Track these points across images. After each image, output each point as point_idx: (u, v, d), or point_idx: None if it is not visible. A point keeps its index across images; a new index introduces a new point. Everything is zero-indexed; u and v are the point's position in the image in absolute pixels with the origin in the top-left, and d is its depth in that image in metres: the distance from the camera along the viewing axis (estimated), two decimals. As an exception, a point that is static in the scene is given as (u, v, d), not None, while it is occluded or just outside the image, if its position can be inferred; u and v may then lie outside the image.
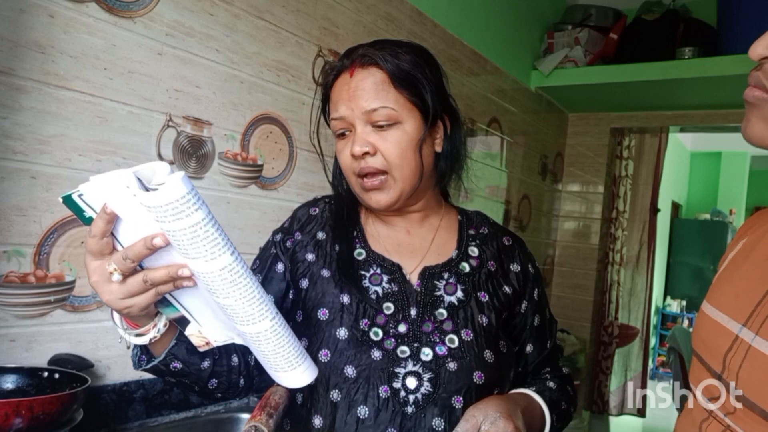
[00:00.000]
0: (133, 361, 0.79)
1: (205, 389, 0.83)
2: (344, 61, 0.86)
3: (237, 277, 0.58)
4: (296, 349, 0.67)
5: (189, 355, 0.77)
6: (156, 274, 0.60)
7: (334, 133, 0.88)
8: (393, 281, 0.85)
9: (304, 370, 0.68)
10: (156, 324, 0.70)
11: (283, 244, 0.91)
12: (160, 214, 0.53)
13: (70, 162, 1.12)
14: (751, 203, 7.69)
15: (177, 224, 0.54)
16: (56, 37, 1.09)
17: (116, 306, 0.63)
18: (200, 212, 0.54)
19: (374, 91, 0.82)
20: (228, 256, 0.57)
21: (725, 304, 0.63)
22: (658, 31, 2.83)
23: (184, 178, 0.53)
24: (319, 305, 0.84)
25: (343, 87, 0.84)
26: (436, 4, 2.16)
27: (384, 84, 0.82)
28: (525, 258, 0.95)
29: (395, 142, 0.82)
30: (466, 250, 0.91)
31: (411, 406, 0.78)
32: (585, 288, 3.44)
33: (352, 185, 0.87)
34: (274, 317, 0.63)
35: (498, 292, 0.89)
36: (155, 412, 1.27)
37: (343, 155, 0.85)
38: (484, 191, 2.60)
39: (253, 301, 0.61)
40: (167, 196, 0.52)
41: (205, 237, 0.55)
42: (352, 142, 0.83)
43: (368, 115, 0.82)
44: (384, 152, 0.82)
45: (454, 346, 0.81)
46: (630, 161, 3.56)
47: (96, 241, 0.59)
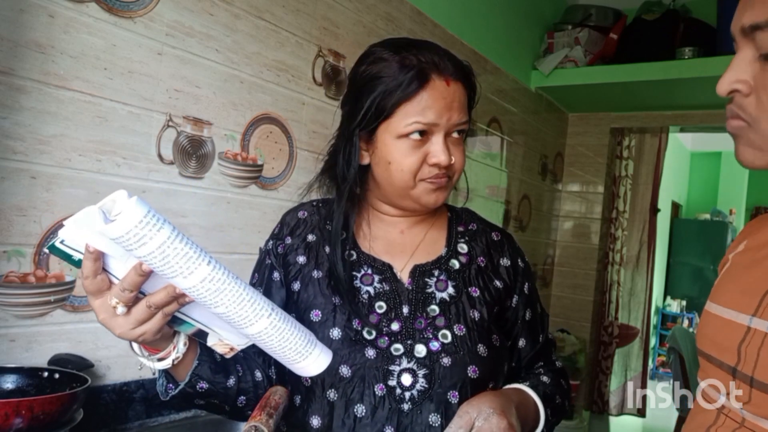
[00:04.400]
0: (159, 391, 0.79)
1: (235, 407, 0.84)
2: (439, 65, 0.82)
3: (220, 285, 0.58)
4: (302, 339, 0.67)
5: (213, 374, 0.79)
6: (156, 298, 0.61)
7: (401, 132, 0.82)
8: (384, 281, 0.86)
9: (317, 356, 0.68)
10: (176, 345, 0.72)
11: (276, 251, 0.91)
12: (125, 243, 0.54)
13: (70, 162, 1.12)
14: (751, 203, 7.68)
15: (144, 249, 0.54)
16: (56, 37, 1.09)
17: (130, 336, 0.64)
18: (163, 232, 0.54)
19: (463, 107, 0.85)
20: (204, 266, 0.57)
21: (731, 301, 0.64)
22: (658, 31, 2.83)
23: (138, 203, 0.53)
24: (311, 307, 0.85)
25: (439, 93, 0.81)
26: (436, 4, 2.16)
27: (466, 101, 0.87)
28: (514, 252, 0.95)
29: (463, 154, 0.87)
30: (456, 247, 0.92)
31: (407, 403, 0.78)
32: (585, 288, 3.44)
33: (405, 186, 0.84)
34: (271, 314, 0.63)
35: (489, 286, 0.89)
36: (155, 412, 1.27)
37: (414, 158, 0.82)
38: (484, 191, 2.60)
39: (244, 304, 0.61)
40: (125, 225, 0.53)
41: (175, 255, 0.55)
42: (433, 150, 0.82)
43: (454, 128, 0.84)
44: (456, 163, 0.85)
45: (447, 342, 0.82)
46: (630, 161, 3.57)
47: (90, 281, 0.60)
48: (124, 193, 0.55)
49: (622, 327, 3.64)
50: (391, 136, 0.82)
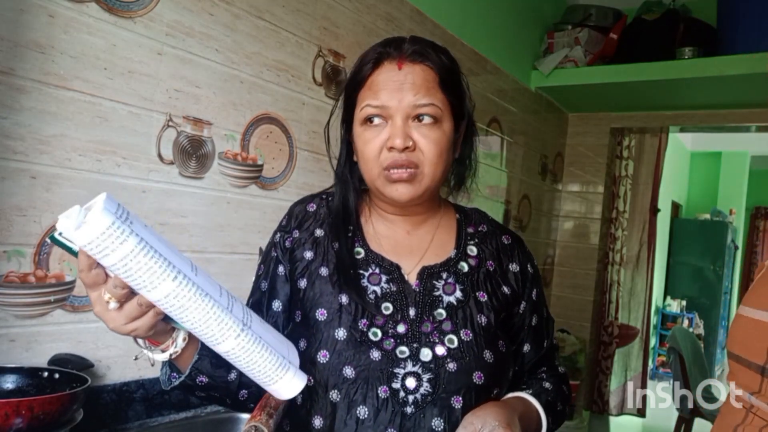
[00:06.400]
0: (162, 381, 0.80)
1: (237, 401, 0.84)
2: (389, 51, 0.84)
3: (185, 302, 0.58)
4: (273, 362, 0.66)
5: (214, 368, 0.79)
6: None
7: (360, 119, 0.84)
8: (392, 281, 0.85)
9: (288, 381, 0.68)
10: (174, 340, 0.72)
11: (283, 244, 0.90)
12: (90, 251, 0.54)
13: (70, 162, 1.12)
14: (751, 203, 7.69)
15: (106, 260, 0.54)
16: (56, 37, 1.09)
17: (122, 331, 0.64)
18: (126, 245, 0.54)
19: (425, 88, 0.82)
20: (169, 283, 0.57)
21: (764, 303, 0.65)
22: (658, 31, 2.83)
23: (103, 214, 0.52)
24: (317, 305, 0.84)
25: (389, 76, 0.83)
26: (436, 4, 2.16)
27: (433, 83, 0.83)
28: (524, 258, 0.95)
29: (436, 140, 0.83)
30: (465, 249, 0.91)
31: (410, 407, 0.78)
32: (585, 288, 3.44)
33: (372, 176, 0.85)
34: (239, 335, 0.63)
35: (497, 292, 0.88)
36: (155, 412, 1.27)
37: (373, 145, 0.83)
38: (484, 191, 2.60)
39: (210, 323, 0.60)
40: (87, 235, 0.52)
41: (138, 269, 0.55)
42: (390, 133, 0.81)
43: (415, 110, 0.82)
44: (424, 149, 0.82)
45: (453, 347, 0.81)
46: (630, 161, 3.56)
47: (86, 275, 0.60)
48: (102, 198, 0.55)
49: (622, 327, 3.64)
50: (357, 125, 0.85)
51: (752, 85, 2.65)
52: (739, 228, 7.43)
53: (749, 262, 7.82)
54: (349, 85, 0.88)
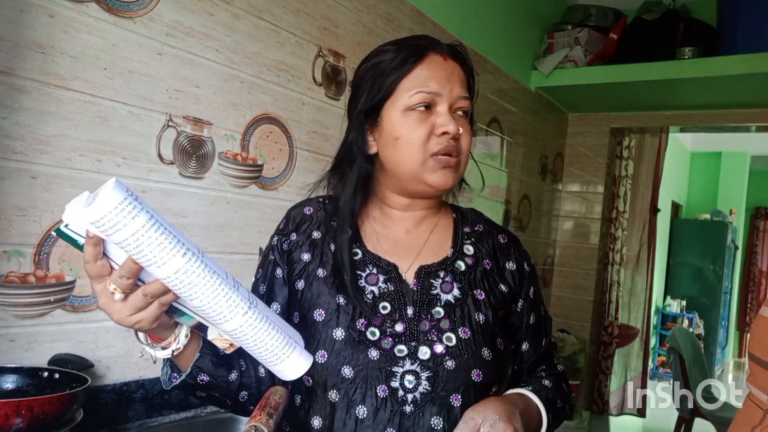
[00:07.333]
0: (163, 380, 0.80)
1: (237, 402, 0.84)
2: (434, 44, 0.87)
3: (194, 278, 0.58)
4: (280, 341, 0.66)
5: (215, 367, 0.79)
6: (152, 287, 0.62)
7: (405, 106, 0.84)
8: (389, 281, 0.85)
9: (294, 361, 0.68)
10: (177, 336, 0.72)
11: (281, 247, 0.91)
12: (101, 228, 0.54)
13: (70, 162, 1.12)
14: (751, 203, 7.69)
15: (118, 235, 0.54)
16: (56, 37, 1.09)
17: (126, 323, 0.64)
18: (138, 220, 0.54)
19: (464, 84, 0.87)
20: (179, 258, 0.57)
21: None
22: (658, 31, 2.83)
23: (115, 189, 0.53)
24: (314, 306, 0.84)
25: (438, 66, 0.85)
26: (436, 4, 2.16)
27: (466, 82, 0.88)
28: (520, 256, 0.95)
29: (469, 135, 0.87)
30: (462, 248, 0.91)
31: (409, 405, 0.78)
32: (585, 288, 3.44)
33: (414, 162, 0.84)
34: (247, 312, 0.63)
35: (494, 289, 0.89)
36: (155, 412, 1.27)
37: (420, 130, 0.83)
38: (484, 191, 2.60)
39: (219, 299, 0.61)
40: (100, 210, 0.53)
41: (149, 243, 0.55)
42: (442, 120, 0.83)
43: (458, 101, 0.85)
44: (462, 140, 0.86)
45: (451, 345, 0.81)
46: (630, 161, 3.56)
47: (91, 266, 0.61)
48: (111, 180, 0.55)
49: (622, 327, 3.64)
50: (397, 112, 0.85)
51: (752, 85, 2.65)
52: (739, 228, 7.43)
53: (749, 263, 7.82)
54: (388, 74, 0.85)
